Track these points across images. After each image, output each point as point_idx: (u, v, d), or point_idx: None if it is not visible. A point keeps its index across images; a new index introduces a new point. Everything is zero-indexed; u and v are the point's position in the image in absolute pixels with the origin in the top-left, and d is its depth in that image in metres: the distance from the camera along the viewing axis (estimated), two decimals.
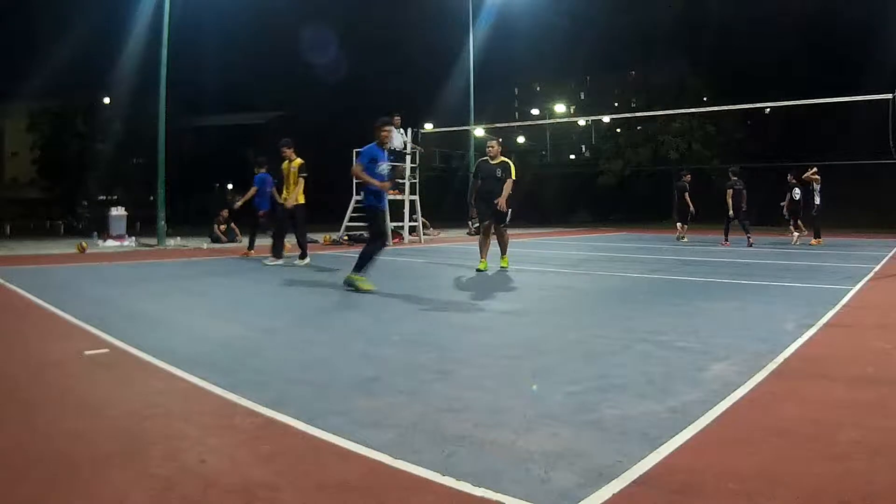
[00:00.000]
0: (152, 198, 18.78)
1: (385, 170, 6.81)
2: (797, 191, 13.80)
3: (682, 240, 14.97)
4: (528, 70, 51.63)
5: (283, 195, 9.08)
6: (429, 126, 27.71)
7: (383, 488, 1.94)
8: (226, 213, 15.28)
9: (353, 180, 15.11)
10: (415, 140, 15.04)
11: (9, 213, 29.02)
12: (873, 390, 2.97)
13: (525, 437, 2.33)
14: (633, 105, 34.26)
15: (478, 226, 7.99)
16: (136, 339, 3.88)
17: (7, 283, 6.71)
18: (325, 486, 1.95)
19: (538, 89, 56.56)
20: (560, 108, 50.93)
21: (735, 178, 13.54)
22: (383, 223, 6.84)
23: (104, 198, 37.10)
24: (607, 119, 34.77)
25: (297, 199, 8.88)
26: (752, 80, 26.39)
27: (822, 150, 21.30)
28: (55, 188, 37.62)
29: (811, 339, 4.03)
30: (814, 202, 13.36)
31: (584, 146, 46.16)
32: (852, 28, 26.59)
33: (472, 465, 2.07)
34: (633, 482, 1.95)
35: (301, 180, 8.87)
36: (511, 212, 8.01)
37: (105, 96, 38.65)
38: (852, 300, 5.70)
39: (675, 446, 2.23)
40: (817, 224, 13.54)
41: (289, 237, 9.39)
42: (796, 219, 13.95)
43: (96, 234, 14.40)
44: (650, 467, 2.05)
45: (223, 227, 14.84)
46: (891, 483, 1.96)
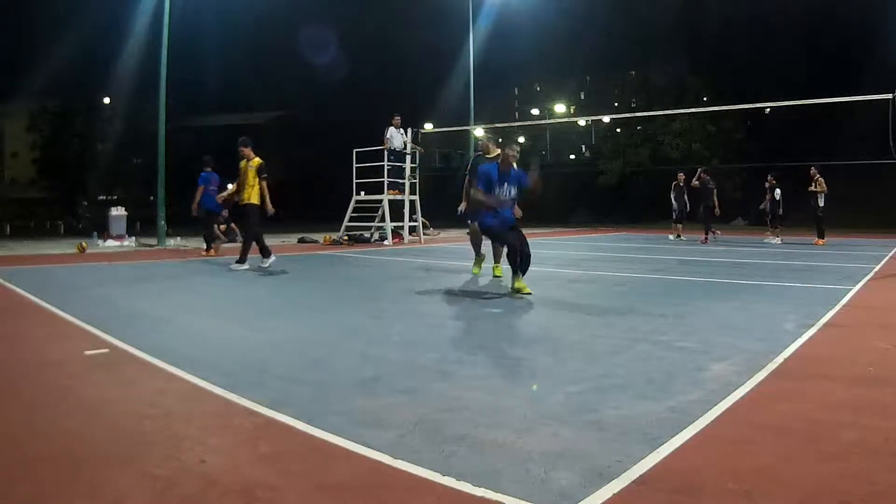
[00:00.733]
0: (152, 198, 18.76)
1: (504, 192, 6.17)
2: (777, 192, 14.25)
3: (677, 239, 15.13)
4: (528, 70, 51.65)
5: (242, 196, 8.59)
6: (429, 126, 27.73)
7: (383, 488, 1.94)
8: (225, 212, 15.28)
9: (353, 180, 15.20)
10: (415, 140, 15.04)
11: (9, 213, 29.00)
12: (873, 390, 2.97)
13: (525, 437, 2.33)
14: (633, 105, 34.25)
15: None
16: (136, 339, 3.88)
17: (7, 283, 6.71)
18: (325, 486, 1.95)
19: (538, 89, 56.56)
20: (560, 108, 50.93)
21: (707, 176, 14.72)
22: (507, 233, 6.18)
23: (104, 198, 37.10)
24: (607, 119, 34.76)
25: (250, 199, 8.39)
26: (752, 80, 26.41)
27: (822, 150, 21.31)
28: (55, 188, 37.58)
29: (811, 339, 4.03)
30: (818, 203, 13.39)
31: (584, 146, 46.17)
32: (852, 28, 26.61)
33: (472, 465, 2.07)
34: (633, 482, 1.95)
35: (262, 182, 8.48)
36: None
37: (105, 96, 38.65)
38: (852, 300, 5.70)
39: (675, 446, 2.23)
40: (821, 225, 13.56)
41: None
42: (774, 220, 14.43)
43: (96, 234, 14.40)
44: (650, 467, 2.05)
45: (223, 226, 14.84)
46: (891, 483, 1.96)
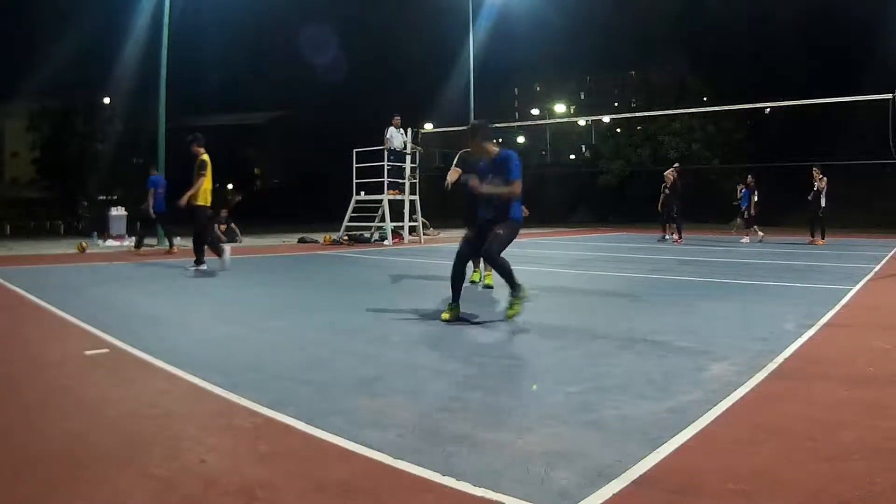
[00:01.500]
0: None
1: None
2: (756, 192, 14.84)
3: (666, 239, 15.17)
4: (528, 70, 51.74)
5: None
6: (429, 126, 27.74)
7: (383, 488, 1.94)
8: (225, 212, 15.29)
9: (353, 180, 15.21)
10: (415, 140, 15.05)
11: (9, 213, 29.02)
12: (873, 390, 2.97)
13: (525, 437, 2.33)
14: (633, 105, 34.30)
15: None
16: (136, 339, 3.88)
17: (7, 283, 6.71)
18: (325, 486, 1.95)
19: (538, 89, 56.64)
20: (560, 108, 50.99)
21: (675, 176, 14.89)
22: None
23: (104, 198, 37.11)
24: (607, 119, 34.80)
25: (195, 200, 7.98)
26: (752, 80, 26.42)
27: (821, 151, 21.31)
28: (55, 188, 37.60)
29: (811, 339, 4.03)
30: (819, 203, 13.41)
31: (584, 146, 46.18)
32: (852, 28, 26.61)
33: (472, 465, 2.07)
34: (633, 482, 1.95)
35: (200, 178, 7.91)
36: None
37: (105, 96, 38.67)
38: (852, 300, 5.70)
39: (675, 446, 2.23)
40: (822, 225, 13.56)
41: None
42: (753, 219, 14.88)
43: (96, 234, 14.40)
44: (650, 467, 2.05)
45: (223, 226, 14.85)
46: (891, 483, 1.95)
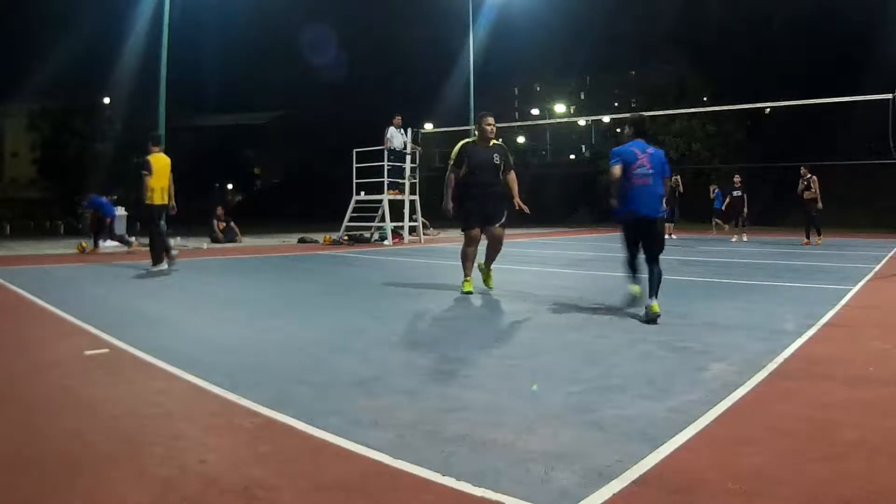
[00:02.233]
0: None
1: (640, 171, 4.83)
2: (735, 193, 15.14)
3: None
4: (528, 70, 51.75)
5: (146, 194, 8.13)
6: (429, 126, 27.74)
7: (383, 488, 1.94)
8: (220, 210, 15.28)
9: (353, 180, 15.21)
10: (415, 140, 15.04)
11: (9, 214, 29.03)
12: (873, 390, 2.97)
13: (525, 437, 2.33)
14: (633, 105, 34.26)
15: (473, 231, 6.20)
16: (136, 339, 3.88)
17: (7, 283, 6.71)
18: (324, 486, 1.95)
19: (538, 89, 56.63)
20: (560, 108, 50.99)
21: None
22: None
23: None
24: (607, 119, 34.78)
25: (153, 199, 8.05)
26: (752, 80, 26.42)
27: (821, 150, 21.32)
28: (55, 188, 37.60)
29: (811, 339, 4.03)
30: (817, 203, 13.42)
31: (584, 146, 46.19)
32: (852, 28, 26.61)
33: (472, 465, 2.07)
34: (633, 482, 1.95)
35: (142, 177, 8.02)
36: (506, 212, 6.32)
37: (105, 96, 38.68)
38: (852, 300, 5.70)
39: (675, 446, 2.23)
40: (818, 224, 13.58)
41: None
42: (738, 218, 15.16)
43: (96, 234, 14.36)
44: (650, 467, 2.05)
45: (222, 225, 14.85)
46: (891, 483, 1.96)
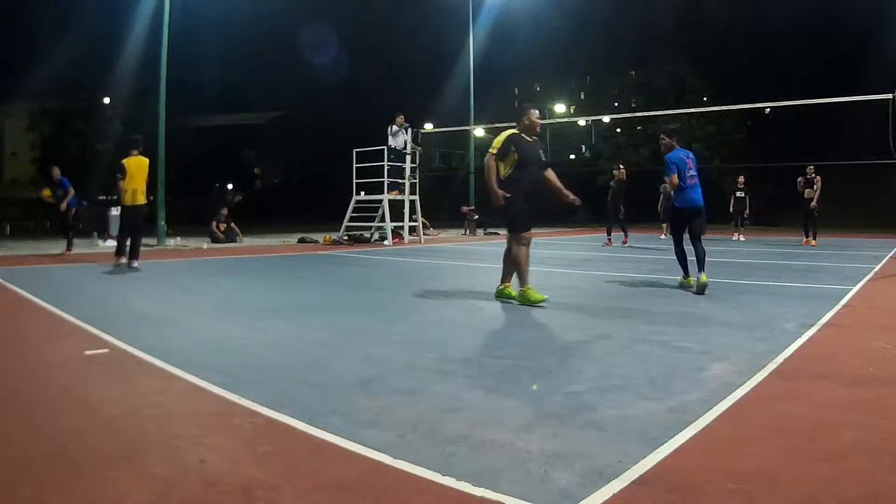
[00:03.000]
0: (152, 198, 18.71)
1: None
2: (738, 193, 15.40)
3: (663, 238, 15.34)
4: (528, 70, 51.72)
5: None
6: (429, 126, 27.75)
7: (383, 488, 1.94)
8: (225, 211, 15.29)
9: (353, 180, 15.22)
10: (415, 140, 15.05)
11: (9, 213, 29.01)
12: (873, 390, 2.97)
13: (525, 437, 2.33)
14: (633, 105, 34.28)
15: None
16: (136, 339, 3.88)
17: (7, 283, 6.71)
18: (325, 486, 1.95)
19: (538, 89, 56.61)
20: (560, 108, 50.98)
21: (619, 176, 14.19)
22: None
23: (104, 198, 37.11)
24: (607, 119, 34.78)
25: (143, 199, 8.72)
26: (752, 80, 26.42)
27: (821, 151, 21.31)
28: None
29: (811, 339, 4.03)
30: (817, 204, 13.42)
31: (584, 146, 46.18)
32: (852, 28, 26.61)
33: (472, 465, 2.07)
34: (633, 482, 1.95)
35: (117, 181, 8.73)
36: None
37: (105, 96, 38.71)
38: (852, 300, 5.70)
39: (675, 446, 2.23)
40: (815, 225, 13.55)
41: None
42: (739, 218, 15.43)
43: (96, 234, 14.39)
44: (650, 467, 2.05)
45: (223, 226, 14.85)
46: (891, 483, 1.96)
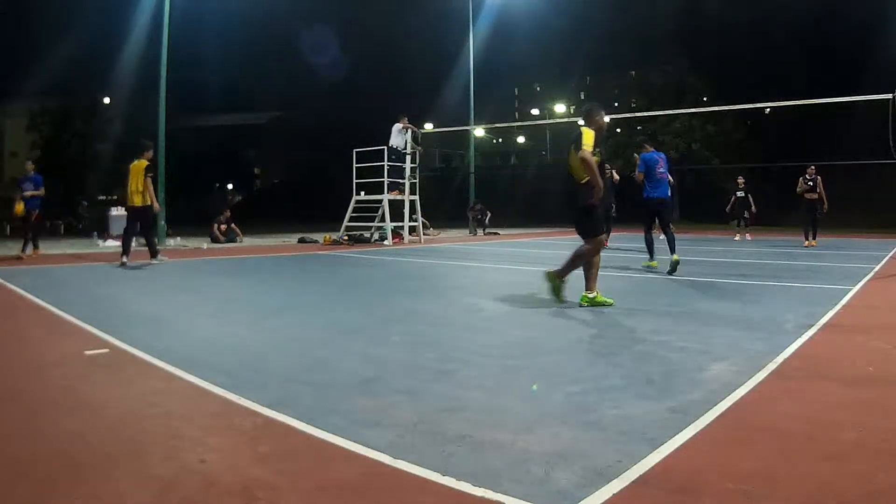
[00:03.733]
0: (149, 203, 18.71)
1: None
2: (738, 193, 15.45)
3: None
4: (528, 70, 51.81)
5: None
6: (429, 126, 27.76)
7: (383, 488, 1.94)
8: (227, 212, 15.29)
9: (353, 180, 15.22)
10: (415, 140, 15.05)
11: (9, 214, 28.97)
12: (873, 390, 2.97)
13: (525, 437, 2.33)
14: (633, 105, 34.26)
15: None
16: (136, 339, 3.88)
17: (7, 283, 6.71)
18: (325, 486, 1.95)
19: (538, 89, 56.71)
20: (560, 108, 51.00)
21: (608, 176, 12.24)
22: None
23: (104, 198, 37.14)
24: (607, 119, 34.77)
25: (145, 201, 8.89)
26: (752, 80, 26.42)
27: (821, 151, 21.29)
28: (55, 188, 37.60)
29: (811, 339, 4.02)
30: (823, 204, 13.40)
31: None
32: (852, 28, 26.61)
33: (472, 465, 2.07)
34: (633, 482, 1.95)
35: (148, 180, 8.86)
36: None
37: (105, 96, 38.72)
38: (852, 300, 5.69)
39: (675, 446, 2.23)
40: (817, 226, 13.52)
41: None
42: (741, 219, 15.52)
43: (96, 234, 14.40)
44: (650, 467, 2.05)
45: (223, 227, 14.85)
46: (891, 483, 1.95)
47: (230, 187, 53.19)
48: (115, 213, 14.78)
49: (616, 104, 38.31)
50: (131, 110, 35.19)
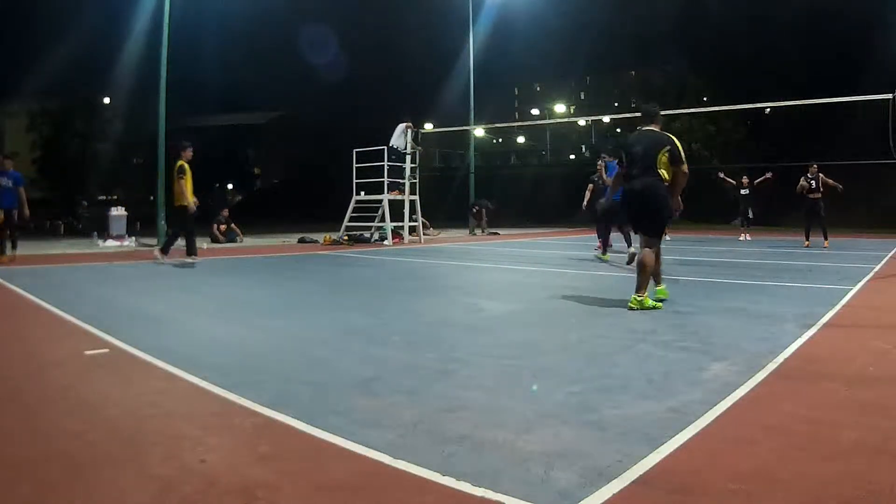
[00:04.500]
0: (152, 198, 18.78)
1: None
2: (743, 192, 15.40)
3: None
4: (528, 70, 51.82)
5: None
6: (429, 126, 27.76)
7: (383, 488, 1.94)
8: (226, 212, 15.29)
9: (353, 180, 15.23)
10: (415, 140, 15.06)
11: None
12: (873, 390, 2.96)
13: (525, 437, 2.33)
14: (633, 105, 34.23)
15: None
16: (136, 339, 3.88)
17: (7, 283, 6.71)
18: (325, 486, 1.95)
19: (538, 89, 56.72)
20: (560, 108, 51.05)
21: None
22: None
23: (104, 198, 37.16)
24: (607, 119, 34.76)
25: (179, 200, 8.98)
26: (752, 80, 26.40)
27: (821, 150, 21.28)
28: (55, 188, 37.62)
29: (811, 339, 4.02)
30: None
31: (584, 146, 46.17)
32: (852, 28, 26.60)
33: (472, 465, 2.07)
34: (633, 482, 1.95)
35: (178, 181, 8.91)
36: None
37: (105, 96, 38.71)
38: (852, 300, 5.69)
39: (675, 446, 2.23)
40: (825, 224, 13.34)
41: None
42: (744, 218, 15.56)
43: (96, 234, 14.39)
44: (650, 467, 2.05)
45: (223, 226, 14.85)
46: (891, 483, 1.95)
47: (230, 187, 53.19)
48: (115, 213, 14.75)
49: (616, 104, 38.35)
50: (131, 110, 35.18)
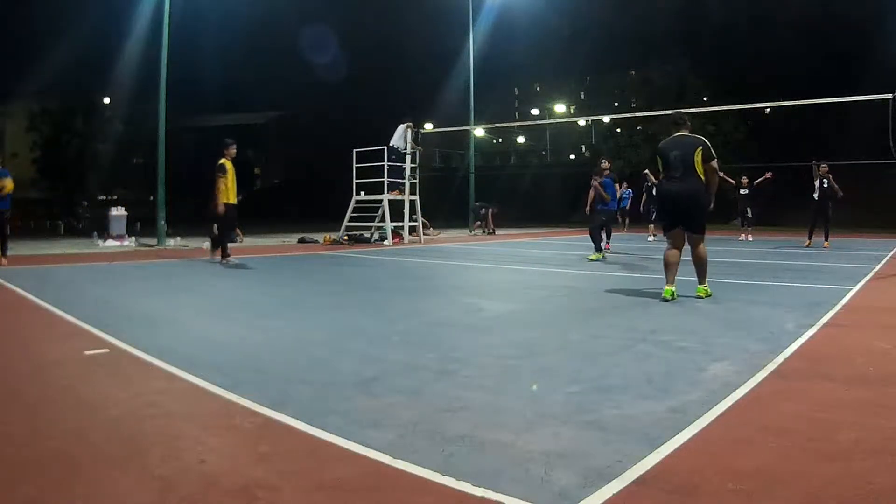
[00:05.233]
0: (152, 198, 18.76)
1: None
2: (742, 191, 15.48)
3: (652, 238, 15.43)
4: (528, 70, 51.76)
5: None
6: (429, 126, 27.75)
7: (383, 488, 1.94)
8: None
9: (354, 180, 15.23)
10: (415, 140, 15.06)
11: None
12: (873, 390, 2.96)
13: (525, 437, 2.33)
14: (633, 105, 34.25)
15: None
16: (136, 339, 3.88)
17: (7, 283, 6.71)
18: (325, 486, 1.95)
19: (538, 89, 56.68)
20: (560, 108, 51.02)
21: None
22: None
23: (104, 198, 37.16)
24: (607, 119, 34.73)
25: (229, 199, 8.98)
26: (753, 80, 26.41)
27: (822, 150, 21.28)
28: (55, 188, 37.62)
29: (811, 339, 4.03)
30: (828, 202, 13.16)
31: (584, 146, 46.17)
32: (852, 28, 26.60)
33: (472, 465, 2.07)
34: (633, 482, 1.95)
35: (218, 179, 8.89)
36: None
37: (105, 96, 38.70)
38: (852, 300, 5.69)
39: (675, 446, 2.23)
40: (828, 225, 13.23)
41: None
42: (743, 218, 15.67)
43: (96, 234, 14.39)
44: (650, 467, 2.05)
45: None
46: (891, 483, 1.95)
47: None
48: (115, 213, 14.74)
49: (616, 104, 38.31)
50: (131, 110, 35.17)
